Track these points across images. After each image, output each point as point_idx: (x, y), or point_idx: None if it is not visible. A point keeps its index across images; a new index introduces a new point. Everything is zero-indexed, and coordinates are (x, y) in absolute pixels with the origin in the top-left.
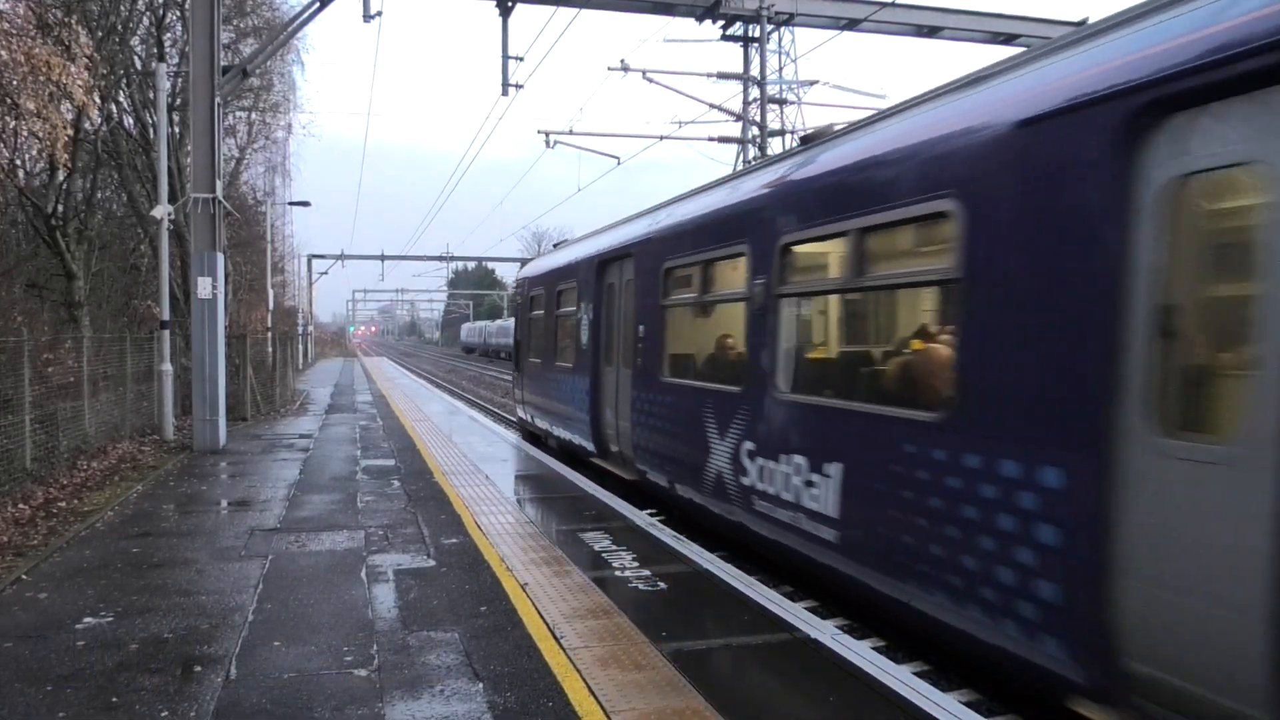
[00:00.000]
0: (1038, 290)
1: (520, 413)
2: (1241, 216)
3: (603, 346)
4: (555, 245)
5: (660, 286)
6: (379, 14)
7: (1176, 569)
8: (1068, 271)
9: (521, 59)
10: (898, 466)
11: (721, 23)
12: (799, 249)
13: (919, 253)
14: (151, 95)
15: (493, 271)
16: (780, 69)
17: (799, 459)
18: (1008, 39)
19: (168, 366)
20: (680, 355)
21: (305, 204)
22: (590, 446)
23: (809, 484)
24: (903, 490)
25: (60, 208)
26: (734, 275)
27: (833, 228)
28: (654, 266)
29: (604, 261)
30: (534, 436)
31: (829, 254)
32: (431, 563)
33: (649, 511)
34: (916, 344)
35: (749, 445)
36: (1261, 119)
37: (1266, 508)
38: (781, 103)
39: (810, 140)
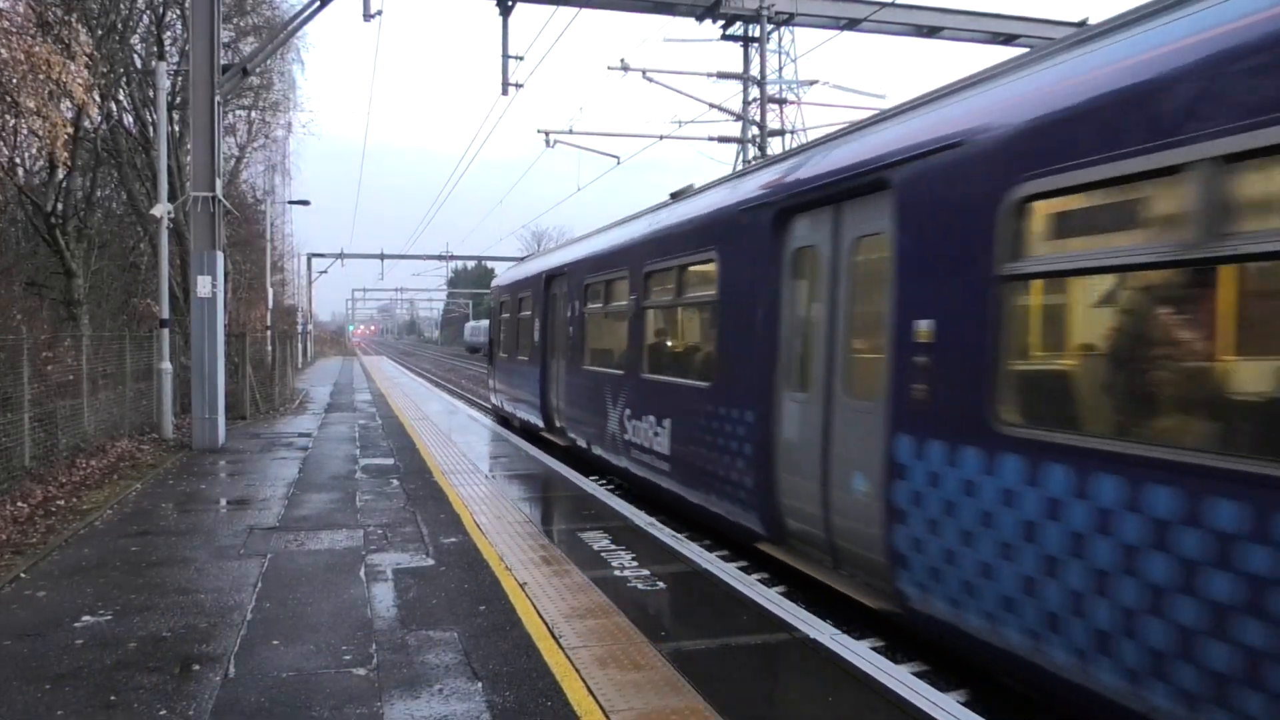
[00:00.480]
0: (737, 304)
1: (493, 399)
2: (816, 272)
3: (548, 344)
4: (520, 260)
5: (582, 298)
6: (379, 13)
7: (796, 463)
8: (755, 299)
9: (521, 58)
10: (690, 411)
11: (721, 22)
12: (653, 275)
13: (704, 282)
14: (151, 94)
15: (492, 271)
16: (780, 69)
17: (651, 417)
18: (1008, 39)
19: (167, 365)
20: (593, 350)
21: (305, 203)
22: (540, 424)
23: (655, 434)
24: (690, 425)
25: (60, 206)
26: (622, 291)
27: (668, 263)
28: (578, 283)
29: (549, 276)
30: (504, 420)
31: (668, 279)
32: (430, 562)
33: (651, 515)
34: (696, 340)
35: (627, 411)
36: (820, 223)
37: (820, 425)
38: (781, 102)
39: (675, 195)
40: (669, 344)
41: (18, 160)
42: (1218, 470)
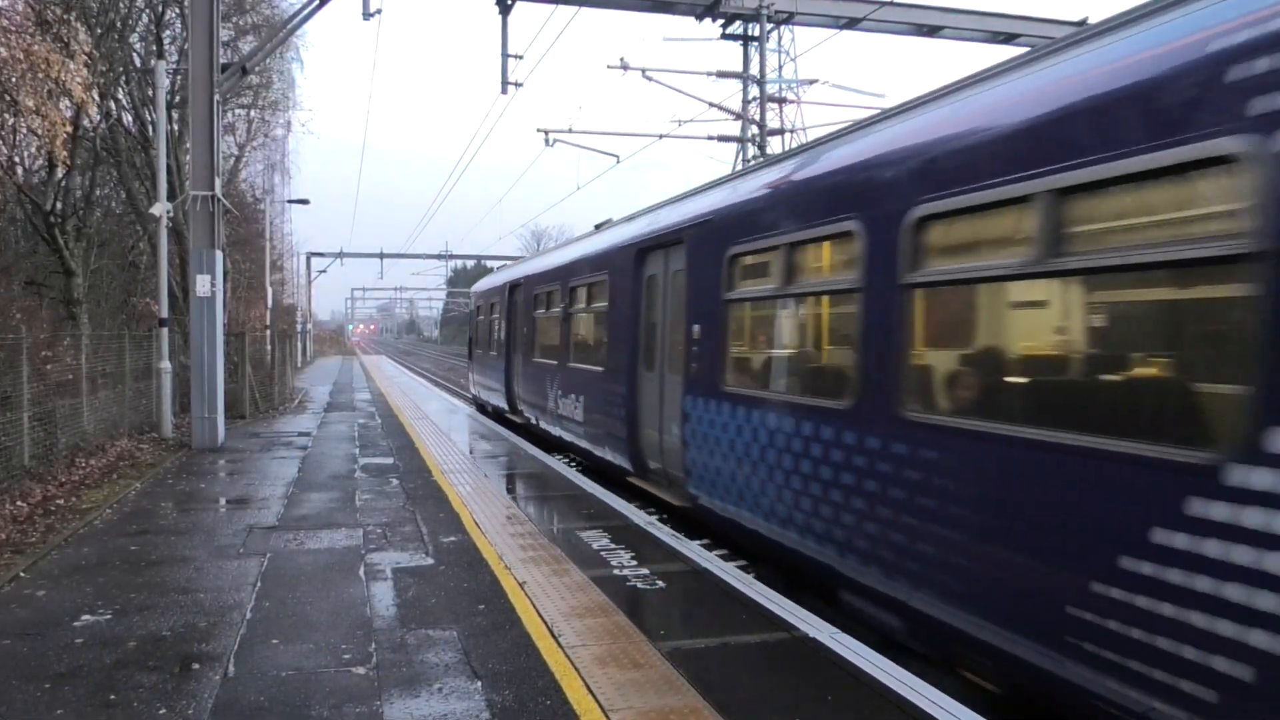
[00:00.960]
0: (619, 313)
1: (471, 389)
2: (655, 292)
3: (510, 341)
4: (500, 268)
5: (534, 303)
6: (378, 11)
7: (647, 419)
8: (627, 308)
9: (521, 57)
10: (594, 389)
11: (721, 21)
12: (575, 289)
13: (600, 297)
14: (150, 92)
15: (491, 269)
16: (780, 68)
17: (572, 395)
18: (1008, 38)
19: (166, 364)
20: (539, 345)
21: (304, 202)
22: (506, 407)
23: (575, 407)
24: (594, 399)
25: (59, 205)
26: (556, 300)
27: (581, 280)
28: (531, 291)
29: (512, 285)
30: (480, 406)
31: (580, 293)
32: (430, 561)
33: (656, 514)
34: (598, 338)
35: (559, 391)
36: (659, 261)
37: (658, 392)
38: (781, 101)
39: (598, 227)
40: (582, 340)
41: (17, 159)
42: (791, 403)
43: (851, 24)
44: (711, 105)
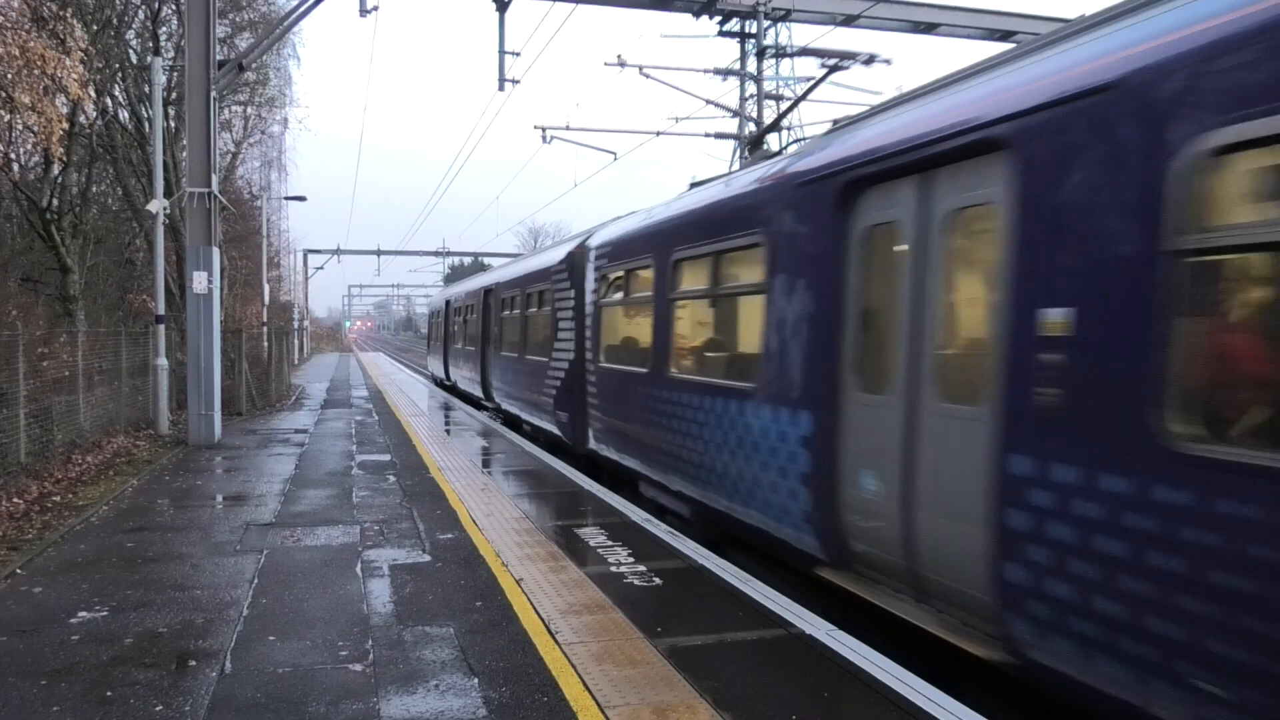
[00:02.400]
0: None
1: (431, 370)
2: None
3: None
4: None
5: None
6: (375, 8)
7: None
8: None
9: (518, 54)
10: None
11: (718, 19)
12: (533, 295)
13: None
14: (147, 89)
15: (489, 266)
16: (777, 65)
17: (525, 382)
18: (1004, 35)
19: (163, 361)
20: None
21: (301, 199)
22: (444, 376)
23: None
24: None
25: (55, 201)
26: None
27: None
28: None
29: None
30: (443, 386)
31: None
32: (427, 558)
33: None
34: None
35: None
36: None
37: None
38: (778, 99)
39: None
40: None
41: (13, 155)
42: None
43: (848, 21)
44: (709, 102)
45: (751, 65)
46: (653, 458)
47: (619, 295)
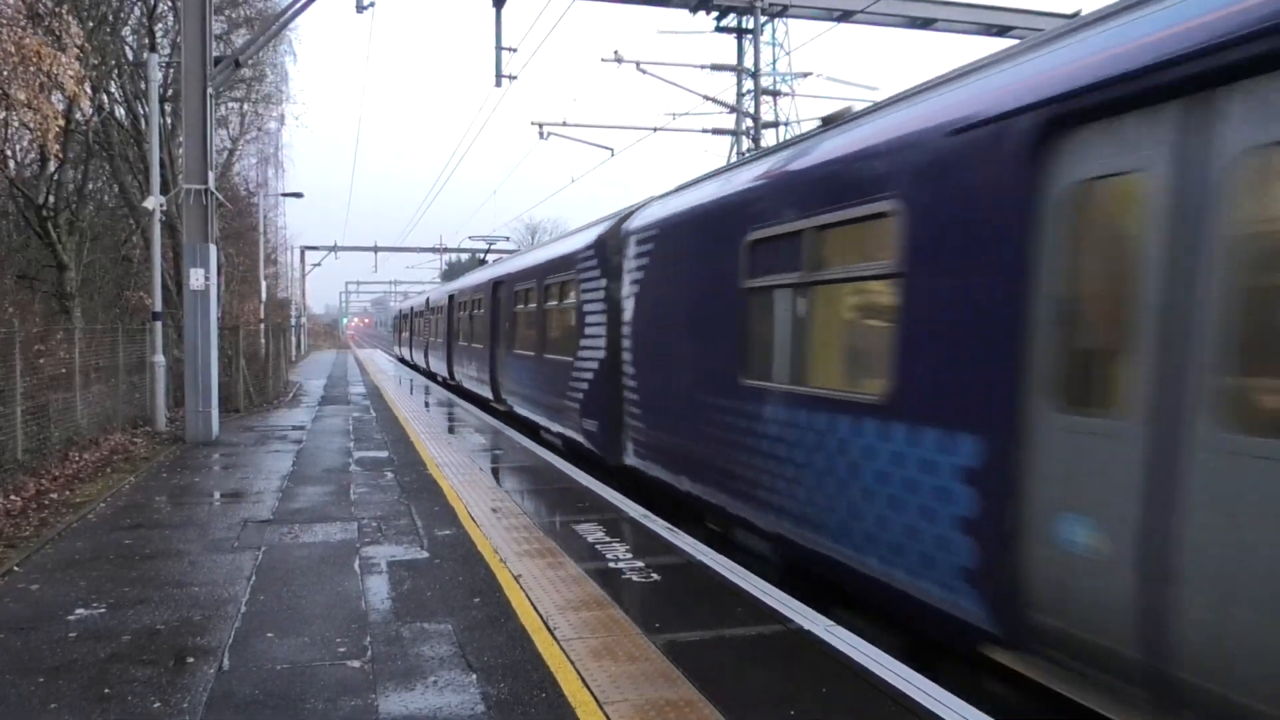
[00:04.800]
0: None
1: (398, 351)
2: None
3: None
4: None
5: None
6: (371, 4)
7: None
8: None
9: (515, 50)
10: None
11: (715, 14)
12: (553, 287)
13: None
14: (143, 86)
15: (485, 263)
16: (774, 61)
17: (542, 383)
18: (1001, 31)
19: (160, 358)
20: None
21: (298, 195)
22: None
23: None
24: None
25: (51, 199)
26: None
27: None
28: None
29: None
30: (403, 361)
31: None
32: (425, 554)
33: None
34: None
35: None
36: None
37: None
38: (775, 94)
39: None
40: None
41: (9, 153)
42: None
43: (845, 17)
44: (706, 99)
45: (749, 60)
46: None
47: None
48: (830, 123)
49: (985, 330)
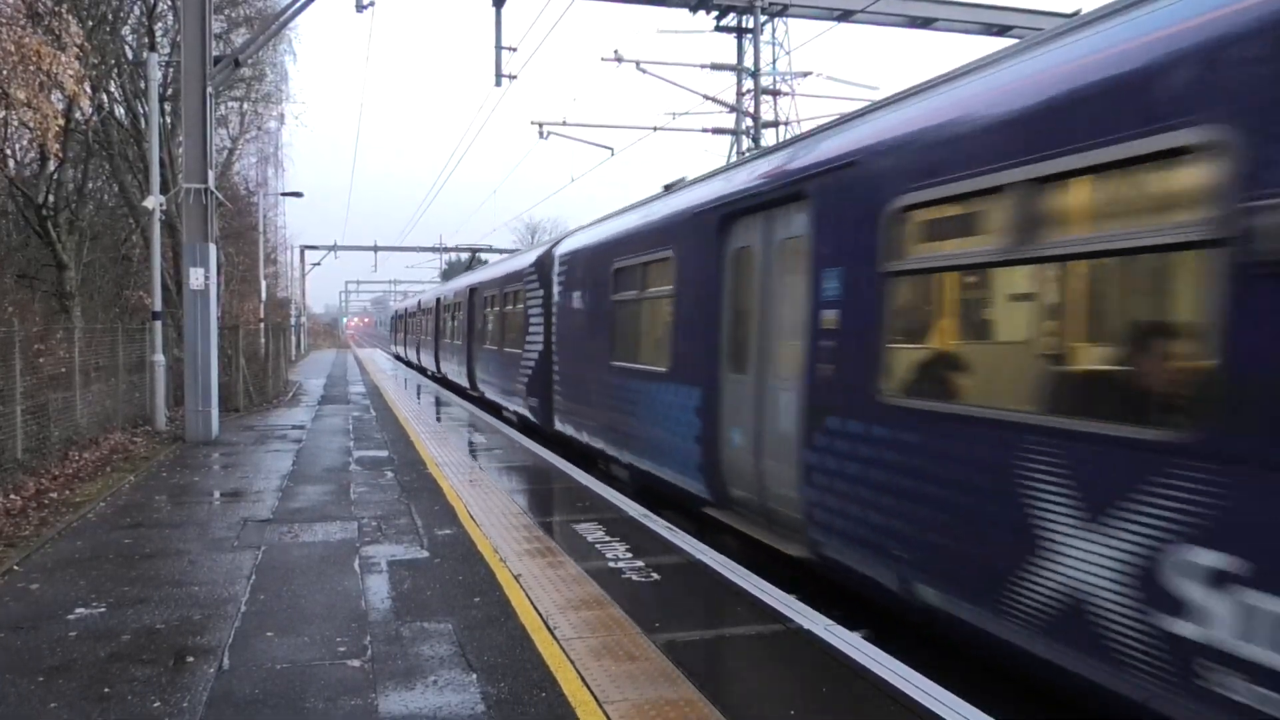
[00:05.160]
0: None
1: (398, 353)
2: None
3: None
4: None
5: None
6: (371, 3)
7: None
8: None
9: (515, 49)
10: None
11: (715, 14)
12: (509, 294)
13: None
14: (143, 85)
15: (485, 262)
16: (774, 60)
17: (503, 371)
18: (1001, 30)
19: (160, 357)
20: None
21: (298, 194)
22: (433, 370)
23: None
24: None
25: (51, 198)
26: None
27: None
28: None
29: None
30: (398, 359)
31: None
32: (425, 554)
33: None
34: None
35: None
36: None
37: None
38: (775, 94)
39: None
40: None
41: (8, 152)
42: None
43: (845, 16)
44: (706, 98)
45: (749, 60)
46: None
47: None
48: (669, 188)
49: (705, 328)
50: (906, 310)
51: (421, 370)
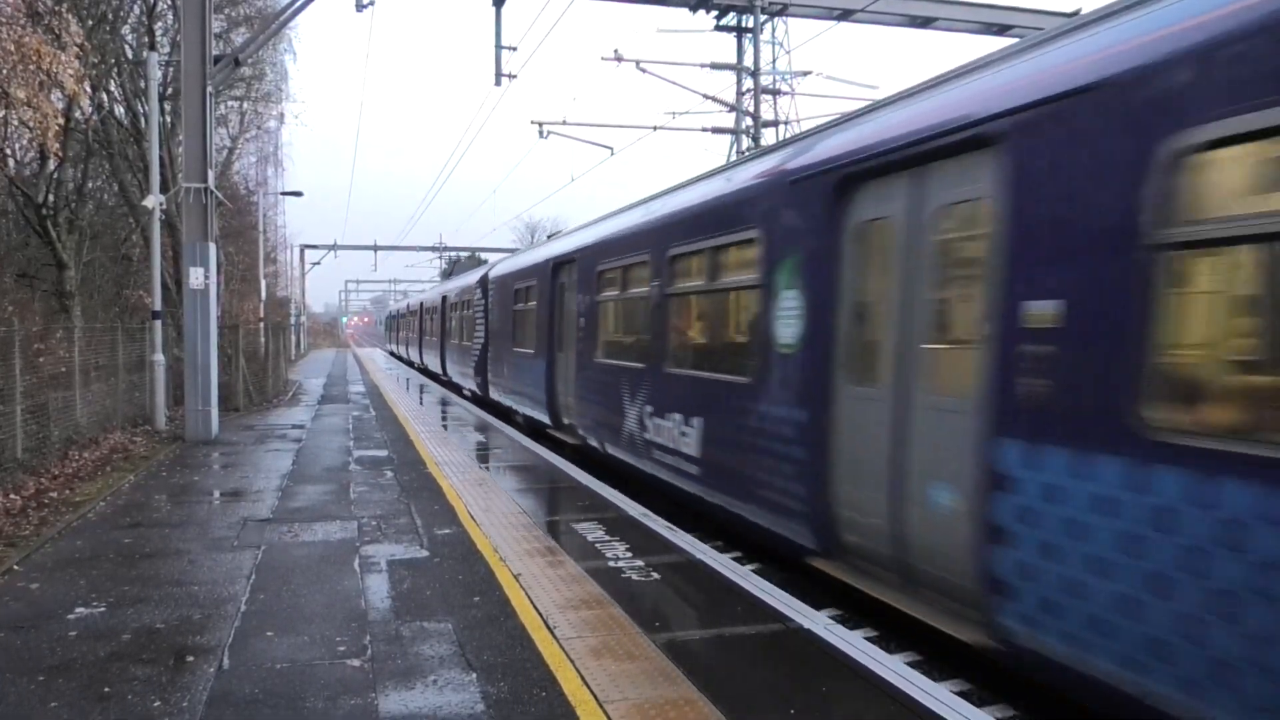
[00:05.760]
0: (478, 315)
1: (390, 346)
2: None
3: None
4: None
5: (449, 310)
6: (371, 2)
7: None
8: (493, 314)
9: (515, 49)
10: (469, 354)
11: (715, 13)
12: (466, 302)
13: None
14: (143, 84)
15: (485, 261)
16: (774, 60)
17: (462, 360)
18: (1001, 29)
19: (160, 357)
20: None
21: (298, 194)
22: (418, 361)
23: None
24: (467, 357)
25: (51, 197)
26: (458, 309)
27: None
28: (446, 305)
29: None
30: (392, 354)
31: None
32: (425, 553)
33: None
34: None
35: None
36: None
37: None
38: (775, 93)
39: (451, 271)
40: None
41: (8, 151)
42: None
43: (845, 16)
44: (706, 97)
45: (749, 59)
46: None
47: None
48: (551, 237)
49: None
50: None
51: (409, 363)
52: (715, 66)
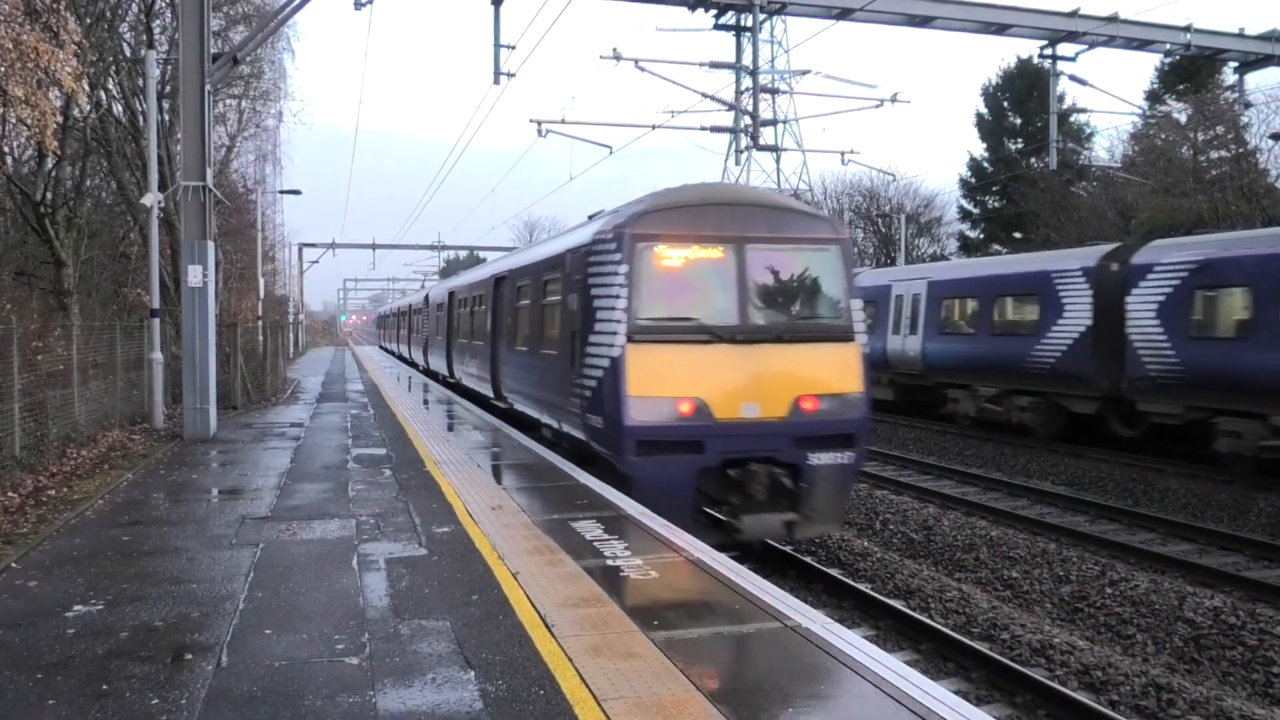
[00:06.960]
0: (441, 317)
1: (384, 345)
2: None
3: (426, 330)
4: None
5: (427, 312)
6: (370, 1)
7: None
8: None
9: (513, 47)
10: (441, 346)
11: (714, 12)
12: (436, 306)
13: (441, 310)
14: (141, 82)
15: (484, 260)
16: (773, 59)
17: (435, 351)
18: (999, 29)
19: (158, 355)
20: (431, 331)
21: (296, 192)
22: (406, 354)
23: (434, 353)
24: (439, 348)
25: (49, 195)
26: (419, 314)
27: (435, 303)
28: (426, 308)
29: (425, 299)
30: (384, 349)
31: (434, 309)
32: (423, 551)
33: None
34: (439, 328)
35: (447, 353)
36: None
37: (444, 350)
38: (774, 92)
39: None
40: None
41: (6, 149)
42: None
43: (844, 15)
44: (705, 96)
45: (747, 58)
46: (465, 372)
47: (460, 312)
48: (491, 262)
49: (437, 325)
50: None
51: (399, 357)
52: (714, 65)
